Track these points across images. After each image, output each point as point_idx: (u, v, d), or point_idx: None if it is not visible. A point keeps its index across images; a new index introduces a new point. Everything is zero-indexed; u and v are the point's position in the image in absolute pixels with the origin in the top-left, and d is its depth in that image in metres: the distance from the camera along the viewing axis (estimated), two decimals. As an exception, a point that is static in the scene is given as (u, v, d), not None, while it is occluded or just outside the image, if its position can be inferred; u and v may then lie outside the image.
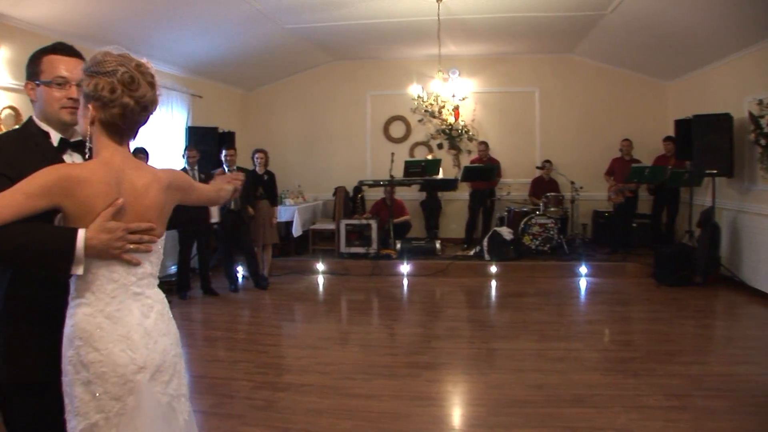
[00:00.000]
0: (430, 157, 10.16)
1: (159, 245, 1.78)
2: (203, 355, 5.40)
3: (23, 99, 5.70)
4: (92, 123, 1.68)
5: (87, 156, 1.76)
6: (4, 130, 5.42)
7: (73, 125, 1.87)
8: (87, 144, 1.74)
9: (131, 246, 1.67)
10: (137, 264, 1.71)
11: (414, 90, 8.52)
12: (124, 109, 1.66)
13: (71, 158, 1.89)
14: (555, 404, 3.96)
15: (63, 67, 1.85)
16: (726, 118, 7.13)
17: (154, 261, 1.78)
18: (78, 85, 1.76)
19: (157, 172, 1.78)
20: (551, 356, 4.99)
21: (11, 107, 5.62)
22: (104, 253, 1.62)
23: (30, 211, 1.56)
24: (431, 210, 9.78)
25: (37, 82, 1.85)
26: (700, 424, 3.63)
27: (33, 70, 1.86)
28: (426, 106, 8.59)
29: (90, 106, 1.66)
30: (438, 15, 6.98)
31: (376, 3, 6.95)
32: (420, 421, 3.78)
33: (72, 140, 1.89)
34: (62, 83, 1.83)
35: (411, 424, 3.73)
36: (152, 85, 1.72)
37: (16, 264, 1.70)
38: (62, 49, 1.89)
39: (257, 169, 8.08)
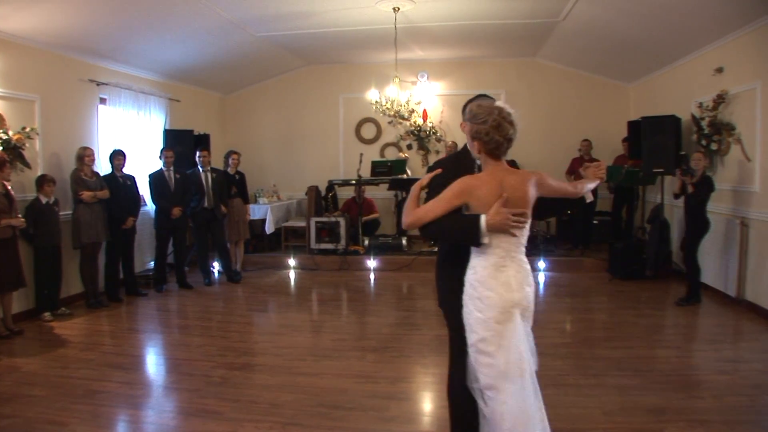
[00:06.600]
0: (402, 155, 10.58)
1: (527, 225, 2.59)
2: (173, 340, 5.84)
3: (7, 105, 6.07)
4: (479, 152, 2.57)
5: (476, 170, 2.70)
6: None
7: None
8: (476, 162, 2.70)
9: (513, 224, 2.49)
10: (516, 236, 2.54)
11: (372, 95, 8.72)
12: (497, 143, 2.51)
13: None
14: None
15: None
16: (672, 119, 7.51)
17: (525, 235, 2.60)
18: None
19: (525, 174, 2.61)
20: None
21: (-5, 113, 5.92)
22: (498, 229, 2.48)
23: (451, 207, 2.52)
24: (402, 208, 10.03)
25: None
26: (608, 399, 4.06)
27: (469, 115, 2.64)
28: (384, 110, 8.79)
29: (475, 143, 2.56)
30: (395, 23, 7.35)
31: (340, 13, 7.30)
32: (355, 395, 4.19)
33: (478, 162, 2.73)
34: None
35: (346, 396, 4.15)
36: (512, 123, 2.52)
37: (447, 240, 2.79)
38: None
39: (229, 169, 8.47)
